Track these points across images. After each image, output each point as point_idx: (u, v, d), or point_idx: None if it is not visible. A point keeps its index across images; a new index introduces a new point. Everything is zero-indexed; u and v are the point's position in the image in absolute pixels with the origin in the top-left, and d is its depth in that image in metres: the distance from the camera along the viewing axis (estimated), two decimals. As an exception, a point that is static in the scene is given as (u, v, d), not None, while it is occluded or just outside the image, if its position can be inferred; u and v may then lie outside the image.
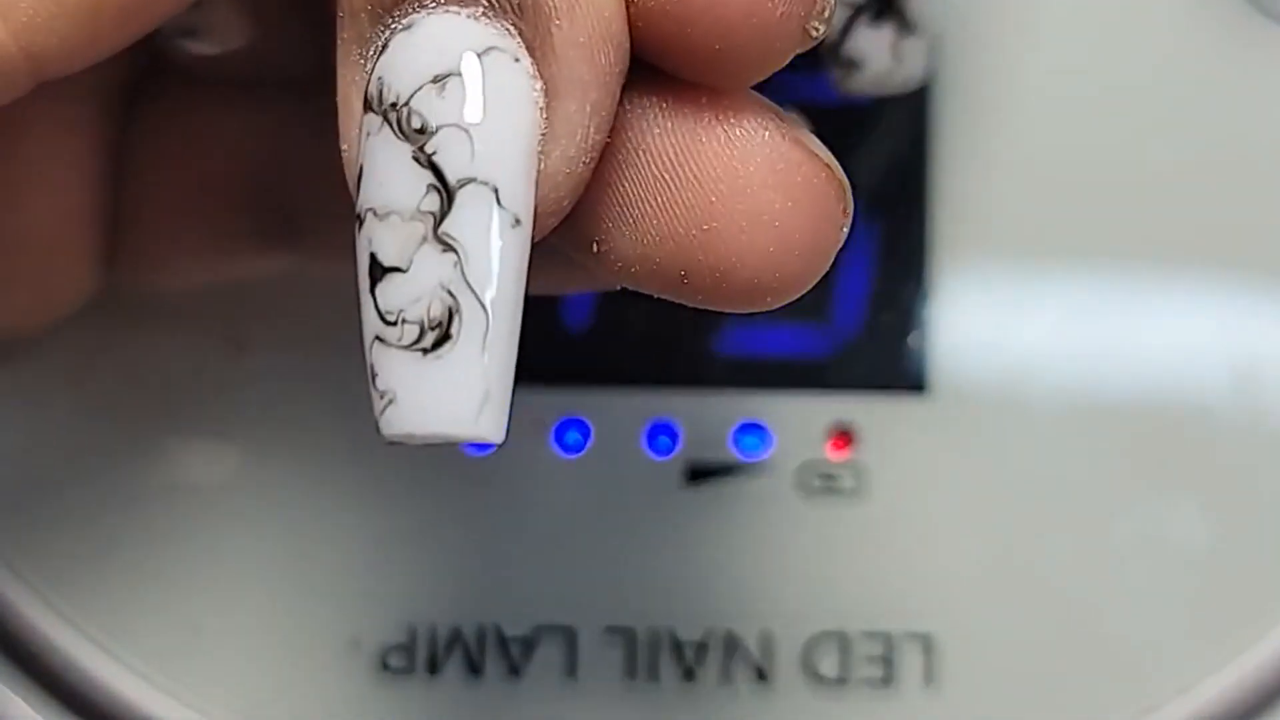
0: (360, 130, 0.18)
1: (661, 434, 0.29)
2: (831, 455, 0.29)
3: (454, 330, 0.17)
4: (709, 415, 0.29)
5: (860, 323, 0.29)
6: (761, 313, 0.19)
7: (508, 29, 0.18)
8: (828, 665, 0.29)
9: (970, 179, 0.29)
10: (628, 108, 0.19)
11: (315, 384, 0.29)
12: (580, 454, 0.29)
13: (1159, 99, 0.29)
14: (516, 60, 0.18)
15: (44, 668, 0.29)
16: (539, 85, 0.18)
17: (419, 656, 0.29)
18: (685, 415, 0.29)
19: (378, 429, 0.18)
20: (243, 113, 0.25)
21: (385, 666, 0.29)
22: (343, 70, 0.18)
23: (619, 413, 0.29)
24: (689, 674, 0.29)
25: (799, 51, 0.19)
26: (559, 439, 0.29)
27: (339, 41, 0.18)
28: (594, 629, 0.29)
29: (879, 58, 0.26)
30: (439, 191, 0.17)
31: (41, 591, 0.29)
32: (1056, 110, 0.29)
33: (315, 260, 0.27)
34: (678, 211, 0.18)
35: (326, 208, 0.26)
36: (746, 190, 0.18)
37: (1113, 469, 0.29)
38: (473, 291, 0.17)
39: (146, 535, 0.29)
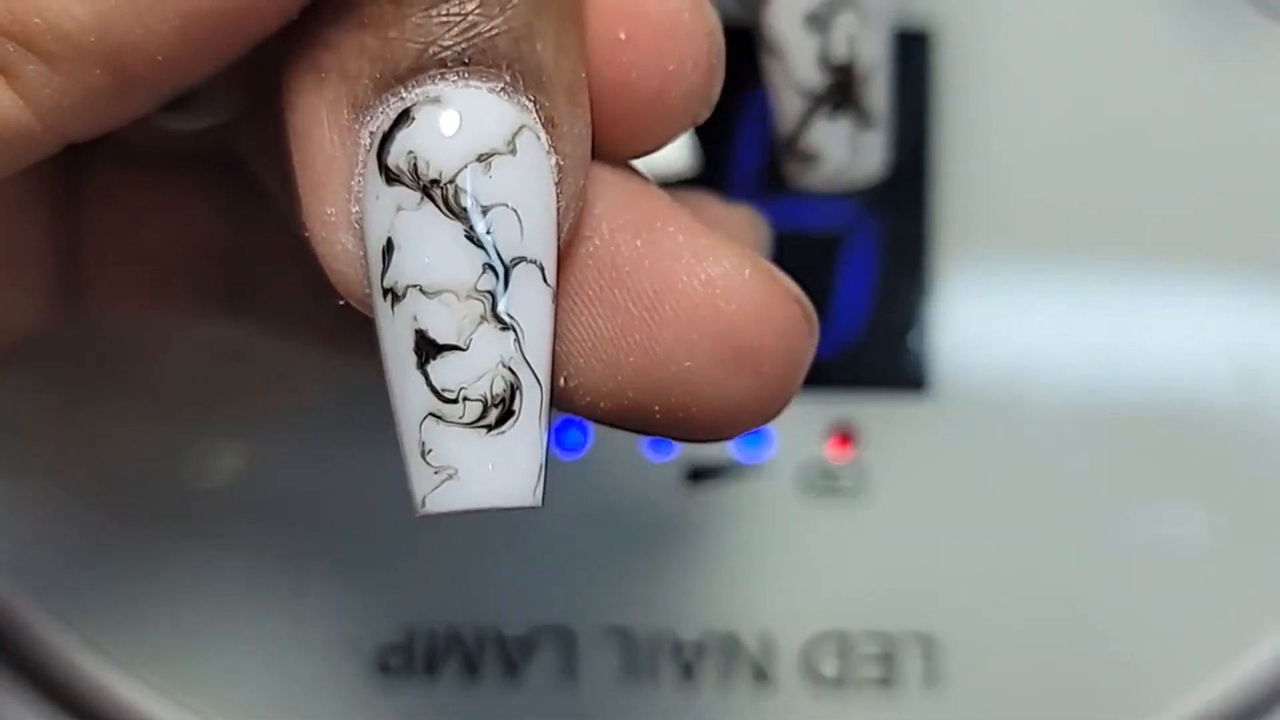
0: (368, 199, 0.18)
1: (661, 434, 0.29)
2: (831, 455, 0.29)
3: (516, 406, 0.18)
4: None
5: (860, 322, 0.29)
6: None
7: (526, 104, 0.18)
8: (828, 665, 0.29)
9: (970, 178, 0.29)
10: (599, 244, 0.19)
11: (315, 386, 0.29)
12: (580, 454, 0.29)
13: (1159, 99, 0.29)
14: (538, 137, 0.18)
15: (42, 670, 0.29)
16: (554, 160, 0.18)
17: (417, 657, 0.29)
18: (685, 415, 0.29)
19: (420, 503, 0.18)
20: (189, 184, 0.25)
21: (383, 667, 0.29)
22: (328, 133, 0.18)
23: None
24: (688, 674, 0.29)
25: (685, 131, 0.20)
26: (559, 439, 0.29)
27: (318, 103, 0.18)
28: (593, 629, 0.29)
29: (837, 151, 0.26)
30: (494, 271, 0.17)
31: (39, 594, 0.29)
32: (1056, 110, 0.29)
33: (265, 330, 0.27)
34: (657, 349, 0.19)
35: (275, 280, 0.26)
36: (730, 328, 0.19)
37: (1113, 469, 0.29)
38: (530, 368, 0.18)
39: (144, 537, 0.29)
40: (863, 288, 0.29)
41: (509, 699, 0.29)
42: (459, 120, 0.17)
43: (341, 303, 0.19)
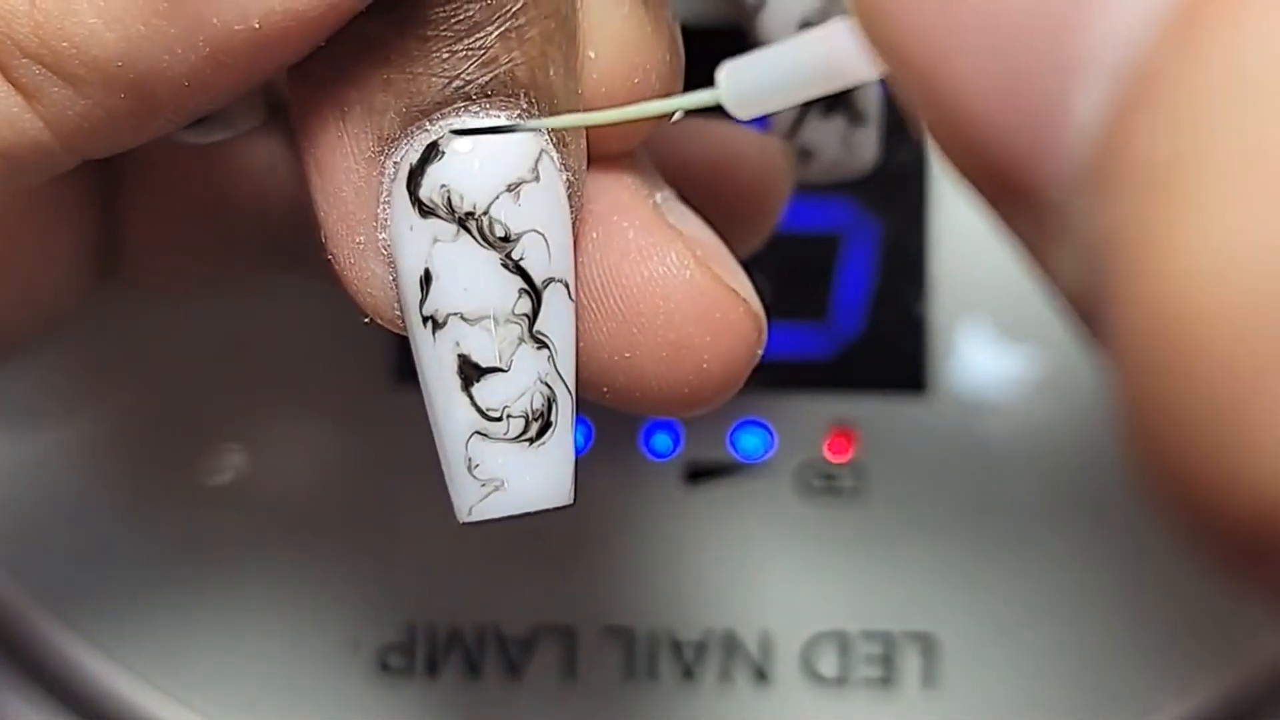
0: (399, 229, 0.18)
1: (661, 434, 0.29)
2: (831, 455, 0.29)
3: (553, 417, 0.19)
4: (708, 415, 0.29)
5: (860, 323, 0.29)
6: None
7: None
8: (828, 665, 0.29)
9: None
10: None
11: (316, 386, 0.29)
12: (580, 454, 0.29)
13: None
14: (553, 159, 0.19)
15: (44, 669, 0.29)
16: (565, 177, 0.19)
17: (418, 657, 0.29)
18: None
19: (466, 511, 0.19)
20: (238, 144, 0.25)
21: (385, 667, 0.29)
22: (354, 165, 0.18)
23: (619, 413, 0.29)
24: (688, 674, 0.29)
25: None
26: (558, 439, 0.29)
27: (341, 135, 0.18)
28: (593, 629, 0.29)
29: (830, 148, 0.27)
30: (529, 294, 0.18)
31: (41, 594, 0.29)
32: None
33: (316, 277, 0.27)
34: (601, 339, 0.20)
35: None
36: (668, 324, 0.19)
37: (1112, 469, 0.29)
38: (562, 379, 0.19)
39: (145, 537, 0.29)
40: (862, 287, 0.29)
41: (509, 699, 0.29)
42: (485, 151, 0.18)
43: (367, 320, 0.19)
